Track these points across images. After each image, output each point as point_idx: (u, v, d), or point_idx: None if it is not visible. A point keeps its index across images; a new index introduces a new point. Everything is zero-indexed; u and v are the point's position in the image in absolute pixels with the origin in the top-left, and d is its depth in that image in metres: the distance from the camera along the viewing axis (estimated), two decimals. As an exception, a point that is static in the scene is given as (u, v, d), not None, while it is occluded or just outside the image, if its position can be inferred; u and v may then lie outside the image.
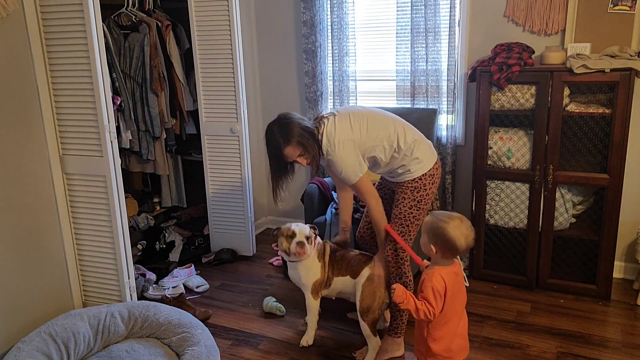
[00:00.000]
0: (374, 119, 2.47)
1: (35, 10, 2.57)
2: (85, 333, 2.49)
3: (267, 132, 2.42)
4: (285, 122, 2.39)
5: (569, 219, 3.10)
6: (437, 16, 3.38)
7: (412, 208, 2.48)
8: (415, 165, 2.46)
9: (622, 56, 2.82)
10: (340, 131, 2.41)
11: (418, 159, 2.46)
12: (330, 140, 2.40)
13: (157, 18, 3.57)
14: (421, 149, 2.48)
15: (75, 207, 2.83)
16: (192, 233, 4.03)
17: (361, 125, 2.44)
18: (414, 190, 2.48)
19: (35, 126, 2.66)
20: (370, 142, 2.44)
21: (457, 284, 2.06)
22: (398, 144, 2.44)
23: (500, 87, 2.99)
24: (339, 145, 2.39)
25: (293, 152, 2.39)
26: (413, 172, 2.47)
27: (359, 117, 2.46)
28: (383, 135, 2.44)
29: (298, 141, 2.36)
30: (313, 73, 3.83)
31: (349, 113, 2.49)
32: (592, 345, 2.66)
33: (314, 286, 2.68)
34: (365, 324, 2.53)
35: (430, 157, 2.50)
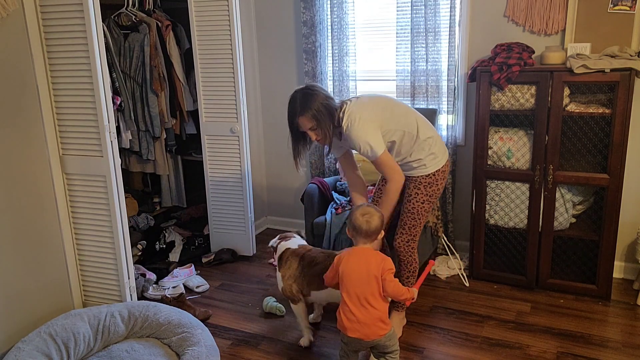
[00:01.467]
0: (397, 105, 2.56)
1: (35, 10, 2.57)
2: (85, 333, 2.49)
3: (291, 97, 2.47)
4: (310, 92, 2.43)
5: (569, 219, 3.10)
6: (437, 16, 3.38)
7: (424, 202, 2.60)
8: (432, 161, 2.55)
9: (622, 56, 2.82)
10: (363, 110, 2.45)
11: (434, 154, 2.55)
12: (352, 116, 2.43)
13: (157, 18, 3.58)
14: (437, 145, 2.57)
15: (75, 207, 2.83)
16: (192, 233, 4.03)
17: (385, 108, 2.50)
18: (427, 186, 2.57)
19: (35, 126, 2.66)
20: (393, 125, 2.49)
21: (354, 264, 2.26)
22: (417, 133, 2.51)
23: (500, 87, 2.99)
24: (359, 121, 2.42)
25: (306, 123, 2.42)
26: (428, 167, 2.56)
27: (383, 101, 2.54)
28: (405, 121, 2.51)
29: (313, 114, 2.39)
30: (313, 73, 3.83)
31: (374, 98, 2.57)
32: (592, 345, 2.66)
33: (284, 293, 2.70)
34: None
35: (444, 154, 2.61)
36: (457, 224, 3.71)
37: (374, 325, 2.23)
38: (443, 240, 3.45)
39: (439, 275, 3.43)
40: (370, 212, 2.29)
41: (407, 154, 2.56)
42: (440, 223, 3.33)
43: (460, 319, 2.93)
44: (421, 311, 3.03)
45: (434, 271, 3.47)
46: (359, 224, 2.27)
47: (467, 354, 2.62)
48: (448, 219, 3.65)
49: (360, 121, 2.42)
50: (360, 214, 2.29)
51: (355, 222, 2.28)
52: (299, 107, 2.41)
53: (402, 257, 2.71)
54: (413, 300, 2.36)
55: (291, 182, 4.30)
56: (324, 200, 3.37)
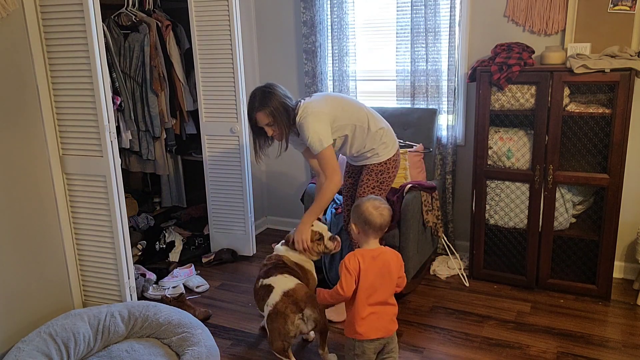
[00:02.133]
0: (348, 102, 2.74)
1: (35, 10, 2.57)
2: (85, 333, 2.49)
3: (251, 93, 2.64)
4: (268, 91, 2.59)
5: (569, 219, 3.10)
6: (437, 16, 3.38)
7: (374, 189, 2.77)
8: (383, 150, 2.74)
9: (622, 56, 2.82)
10: (317, 105, 2.63)
11: (385, 144, 2.74)
12: (305, 111, 2.60)
13: (157, 18, 3.58)
14: (388, 136, 2.76)
15: (75, 207, 2.83)
16: (192, 233, 4.03)
17: (336, 105, 2.67)
18: (378, 173, 2.76)
19: (35, 126, 2.66)
20: (345, 121, 2.66)
21: (376, 268, 2.13)
22: (368, 126, 2.69)
23: (500, 87, 2.99)
24: (311, 114, 2.58)
25: (263, 119, 2.58)
26: (381, 155, 2.74)
27: (335, 99, 2.73)
28: (356, 116, 2.68)
29: (270, 111, 2.56)
30: (313, 73, 3.83)
31: (326, 96, 2.78)
32: (592, 345, 2.66)
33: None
34: (274, 350, 2.45)
35: (394, 144, 2.80)
36: (457, 224, 3.71)
37: (392, 322, 2.20)
38: (443, 240, 3.46)
39: (439, 275, 3.43)
40: (380, 204, 2.15)
41: (362, 145, 2.73)
42: (440, 223, 3.33)
43: (460, 319, 2.93)
44: (421, 311, 3.03)
45: (434, 271, 3.47)
46: (373, 218, 2.11)
47: (467, 354, 2.62)
48: (448, 219, 3.65)
49: (312, 115, 2.57)
50: (373, 207, 2.13)
51: (368, 216, 2.12)
52: (258, 103, 2.57)
53: (355, 242, 2.73)
54: None
55: (291, 182, 4.30)
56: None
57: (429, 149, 3.46)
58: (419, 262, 3.23)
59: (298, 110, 2.61)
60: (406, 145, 3.43)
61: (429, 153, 3.46)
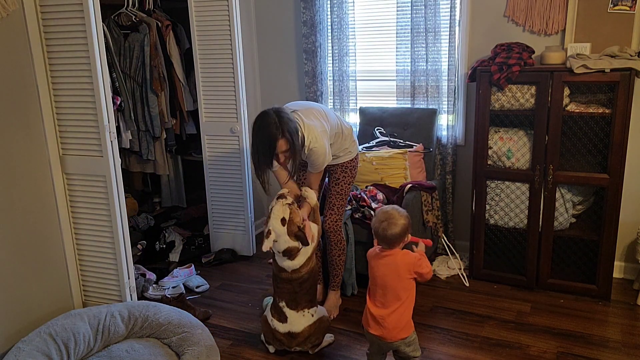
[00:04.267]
0: (325, 111, 2.77)
1: (35, 10, 2.57)
2: (85, 333, 2.49)
3: (263, 120, 2.45)
4: (283, 115, 2.45)
5: (569, 219, 3.10)
6: (437, 16, 3.38)
7: (349, 184, 2.92)
8: (353, 147, 2.90)
9: (622, 56, 2.82)
10: (318, 127, 2.60)
11: (355, 141, 2.92)
12: (312, 134, 2.55)
13: (157, 18, 3.58)
14: (352, 134, 2.91)
15: (75, 207, 2.83)
16: (192, 233, 4.03)
17: (322, 117, 2.70)
18: (351, 169, 2.91)
19: (35, 126, 2.66)
20: (331, 131, 2.74)
21: (381, 268, 2.23)
22: (342, 129, 2.82)
23: (500, 87, 2.99)
24: (319, 136, 2.57)
25: (282, 146, 2.44)
26: (352, 152, 2.89)
27: (317, 111, 2.70)
28: (335, 123, 2.78)
29: (290, 139, 2.43)
30: (313, 73, 3.83)
31: (311, 108, 2.70)
32: (592, 345, 2.66)
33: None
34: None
35: (356, 141, 2.94)
36: (457, 224, 3.71)
37: (395, 328, 2.20)
38: (443, 240, 3.45)
39: (439, 275, 3.43)
40: (390, 217, 2.18)
41: (339, 148, 2.84)
42: (440, 223, 3.33)
43: (460, 319, 2.93)
44: (421, 311, 3.03)
45: (434, 271, 3.47)
46: (376, 229, 2.19)
47: (467, 354, 2.62)
48: (448, 219, 3.65)
49: (319, 139, 2.56)
50: (379, 219, 2.19)
51: (373, 225, 2.21)
52: (277, 131, 2.40)
53: (333, 237, 2.93)
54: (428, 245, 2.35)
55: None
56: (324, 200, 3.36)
57: (429, 149, 3.46)
58: (419, 262, 3.22)
59: (302, 129, 2.53)
60: (406, 145, 3.43)
61: (429, 153, 3.46)
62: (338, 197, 2.90)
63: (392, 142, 3.48)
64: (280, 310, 2.58)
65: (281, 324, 2.57)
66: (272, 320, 2.59)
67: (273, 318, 2.59)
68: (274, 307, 2.62)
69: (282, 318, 2.57)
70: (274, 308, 2.62)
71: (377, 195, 3.23)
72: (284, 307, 2.57)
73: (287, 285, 2.56)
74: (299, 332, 2.55)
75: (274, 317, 2.59)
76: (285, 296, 2.57)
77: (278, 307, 2.59)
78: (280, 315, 2.58)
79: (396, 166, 3.35)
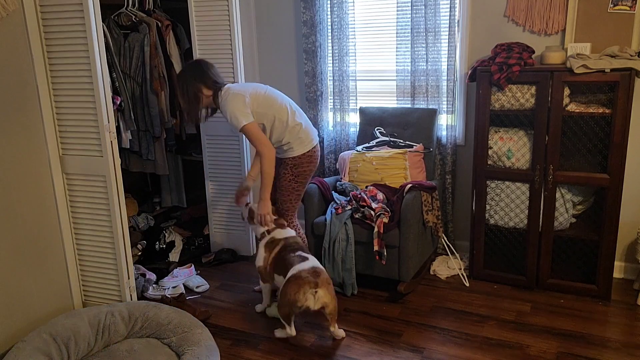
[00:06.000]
0: (271, 94, 2.92)
1: (35, 10, 2.57)
2: (85, 333, 2.49)
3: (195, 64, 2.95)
4: (192, 67, 2.91)
5: (569, 219, 3.10)
6: (437, 16, 3.38)
7: (291, 182, 2.99)
8: (298, 145, 2.93)
9: (622, 56, 2.82)
10: (237, 88, 2.86)
11: (301, 139, 2.93)
12: (227, 92, 2.84)
13: (157, 18, 3.57)
14: (304, 132, 2.94)
15: (75, 207, 2.83)
16: (192, 233, 4.03)
17: (258, 93, 2.87)
18: (293, 167, 2.96)
19: (35, 126, 2.66)
20: (263, 109, 2.85)
21: None
22: (287, 120, 2.88)
23: (500, 87, 2.99)
24: (232, 95, 2.81)
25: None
26: (295, 150, 2.93)
27: (258, 87, 2.93)
28: (276, 107, 2.87)
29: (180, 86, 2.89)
30: (313, 73, 3.83)
31: (253, 84, 3.00)
32: (592, 345, 2.66)
33: (259, 270, 2.95)
34: (279, 314, 2.75)
35: (310, 141, 2.97)
36: (457, 224, 3.71)
37: None
38: (443, 240, 3.45)
39: (439, 275, 3.43)
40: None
41: (280, 138, 2.91)
42: (440, 223, 3.33)
43: (460, 319, 2.93)
44: (421, 311, 3.03)
45: (434, 271, 3.47)
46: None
47: (467, 354, 2.62)
48: (448, 219, 3.65)
49: (232, 96, 2.80)
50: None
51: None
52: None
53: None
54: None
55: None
56: (324, 200, 3.37)
57: (429, 149, 3.46)
58: (419, 262, 3.23)
59: (222, 90, 2.85)
60: (406, 145, 3.43)
61: (429, 153, 3.46)
62: (280, 192, 3.04)
63: (392, 142, 3.48)
64: (301, 259, 2.76)
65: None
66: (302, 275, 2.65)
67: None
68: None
69: (301, 261, 2.74)
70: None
71: (377, 195, 3.23)
72: (304, 255, 2.80)
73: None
74: (322, 269, 2.71)
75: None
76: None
77: (298, 258, 2.77)
78: (299, 261, 2.75)
79: (396, 166, 3.35)
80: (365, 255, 3.14)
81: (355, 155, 3.48)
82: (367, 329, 2.86)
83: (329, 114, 3.94)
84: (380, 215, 3.05)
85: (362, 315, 3.00)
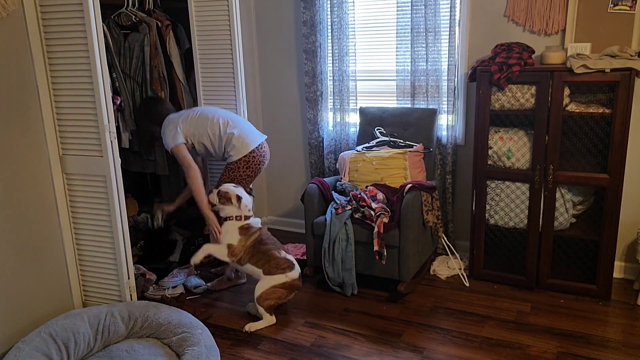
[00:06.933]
0: (204, 112, 3.25)
1: (35, 10, 2.57)
2: (85, 333, 2.49)
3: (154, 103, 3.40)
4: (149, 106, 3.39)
5: (569, 219, 3.10)
6: (437, 16, 3.38)
7: (231, 182, 3.18)
8: (233, 151, 3.18)
9: (622, 56, 2.82)
10: (173, 117, 3.23)
11: (234, 146, 3.17)
12: (165, 121, 3.24)
13: (157, 18, 3.57)
14: (237, 140, 3.17)
15: (75, 207, 2.83)
16: (192, 233, 4.03)
17: (190, 117, 3.21)
18: (229, 171, 3.20)
19: (35, 126, 2.66)
20: (195, 129, 3.17)
21: None
22: (219, 132, 3.17)
23: (501, 87, 2.99)
24: (166, 123, 3.21)
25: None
26: (232, 156, 3.18)
27: (192, 111, 3.26)
28: (207, 123, 3.18)
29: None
30: (313, 73, 3.83)
31: (188, 110, 3.32)
32: (592, 345, 2.66)
33: (229, 247, 2.99)
34: (262, 307, 2.90)
35: (246, 148, 3.19)
36: (457, 224, 3.71)
37: None
38: (443, 240, 3.45)
39: (439, 275, 3.43)
40: None
41: (220, 148, 3.20)
42: (440, 223, 3.33)
43: (460, 319, 2.93)
44: (421, 311, 3.03)
45: (434, 271, 3.47)
46: None
47: (467, 354, 2.62)
48: (448, 219, 3.65)
49: (166, 123, 3.21)
50: None
51: None
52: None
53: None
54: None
55: (291, 182, 4.30)
56: (324, 200, 3.37)
57: (429, 149, 3.46)
58: (419, 262, 3.23)
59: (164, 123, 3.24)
60: (406, 145, 3.43)
61: (429, 153, 3.46)
62: None
63: (392, 142, 3.48)
64: (289, 263, 3.01)
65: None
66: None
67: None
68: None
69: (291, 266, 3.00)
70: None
71: (377, 195, 3.23)
72: (289, 258, 3.05)
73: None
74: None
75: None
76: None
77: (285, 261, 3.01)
78: (289, 266, 3.00)
79: (396, 166, 3.35)
80: (365, 255, 3.14)
81: (355, 155, 3.48)
82: (367, 329, 2.86)
83: (329, 114, 3.94)
84: (380, 215, 3.05)
85: (362, 315, 3.00)
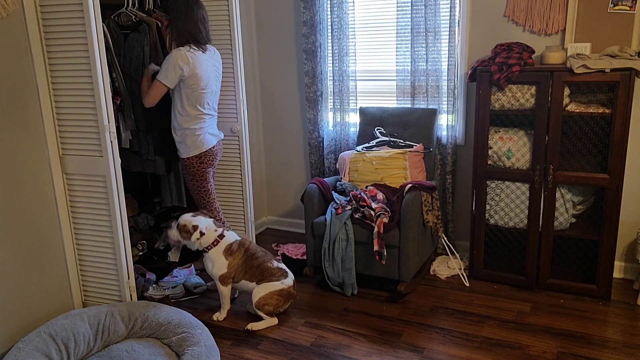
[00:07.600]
0: (199, 90, 3.08)
1: (35, 10, 2.57)
2: (85, 333, 2.49)
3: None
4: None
5: (569, 219, 3.10)
6: (437, 16, 3.38)
7: (190, 182, 3.27)
8: (182, 147, 3.17)
9: (622, 56, 2.82)
10: (186, 50, 3.03)
11: (185, 144, 3.14)
12: (178, 47, 3.06)
13: (157, 18, 3.57)
14: (189, 138, 3.12)
15: (75, 207, 2.83)
16: (192, 233, 4.02)
17: (192, 78, 3.04)
18: (183, 167, 3.24)
19: (35, 126, 2.66)
20: (186, 91, 3.05)
21: None
22: (181, 121, 3.10)
23: (501, 87, 2.99)
24: (178, 51, 3.02)
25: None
26: (181, 152, 3.19)
27: (203, 82, 3.10)
28: (190, 100, 3.07)
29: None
30: (313, 73, 3.83)
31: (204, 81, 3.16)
32: (592, 345, 2.66)
33: (221, 277, 2.96)
34: (262, 312, 2.92)
35: (196, 149, 3.15)
36: (457, 224, 3.71)
37: None
38: (443, 240, 3.45)
39: (439, 275, 3.43)
40: None
41: (174, 130, 3.15)
42: (440, 223, 3.33)
43: (460, 319, 2.93)
44: (421, 311, 3.03)
45: (434, 271, 3.47)
46: None
47: (467, 354, 2.62)
48: (448, 219, 3.65)
49: (178, 51, 3.03)
50: None
51: None
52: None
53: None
54: None
55: (291, 182, 4.30)
56: (324, 200, 3.37)
57: (429, 149, 3.46)
58: (419, 262, 3.23)
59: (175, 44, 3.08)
60: (406, 145, 3.43)
61: (429, 153, 3.46)
62: (192, 193, 3.35)
63: (392, 142, 3.48)
64: (283, 272, 3.01)
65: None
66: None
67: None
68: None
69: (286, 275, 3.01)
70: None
71: (377, 195, 3.23)
72: (282, 267, 3.05)
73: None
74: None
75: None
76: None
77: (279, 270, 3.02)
78: (284, 275, 3.00)
79: (396, 166, 3.35)
80: (365, 255, 3.14)
81: (355, 155, 3.48)
82: (367, 329, 2.86)
83: (329, 114, 3.94)
84: (380, 215, 3.05)
85: (362, 315, 3.00)
